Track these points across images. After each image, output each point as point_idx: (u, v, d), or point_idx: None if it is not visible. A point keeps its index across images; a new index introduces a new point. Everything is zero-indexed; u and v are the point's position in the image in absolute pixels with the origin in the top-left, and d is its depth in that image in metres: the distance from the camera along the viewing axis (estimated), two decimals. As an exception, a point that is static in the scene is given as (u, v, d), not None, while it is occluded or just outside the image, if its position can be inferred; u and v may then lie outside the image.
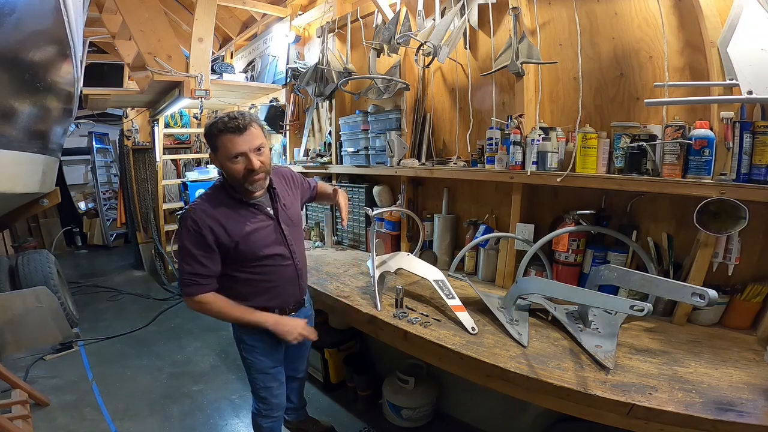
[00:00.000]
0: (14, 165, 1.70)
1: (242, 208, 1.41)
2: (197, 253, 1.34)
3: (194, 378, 2.67)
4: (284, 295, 1.53)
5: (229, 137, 1.28)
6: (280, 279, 1.49)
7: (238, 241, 1.37)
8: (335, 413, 2.26)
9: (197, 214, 1.34)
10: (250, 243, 1.39)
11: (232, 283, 1.44)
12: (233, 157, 1.29)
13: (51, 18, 1.65)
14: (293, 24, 3.10)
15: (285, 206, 1.51)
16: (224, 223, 1.35)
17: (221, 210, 1.37)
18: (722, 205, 1.24)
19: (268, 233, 1.44)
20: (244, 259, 1.41)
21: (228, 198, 1.40)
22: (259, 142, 1.32)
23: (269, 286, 1.48)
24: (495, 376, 1.24)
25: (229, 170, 1.33)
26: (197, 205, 1.38)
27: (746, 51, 1.16)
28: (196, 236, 1.33)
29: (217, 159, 1.36)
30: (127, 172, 5.34)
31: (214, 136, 1.31)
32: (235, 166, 1.31)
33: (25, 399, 2.22)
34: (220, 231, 1.34)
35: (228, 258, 1.40)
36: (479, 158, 1.92)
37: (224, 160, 1.32)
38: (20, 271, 3.34)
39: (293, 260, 1.51)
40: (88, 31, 3.52)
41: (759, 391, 1.04)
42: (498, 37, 1.87)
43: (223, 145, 1.29)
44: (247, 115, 1.33)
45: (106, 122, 6.70)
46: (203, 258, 1.35)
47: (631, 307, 1.04)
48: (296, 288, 1.56)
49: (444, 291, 1.59)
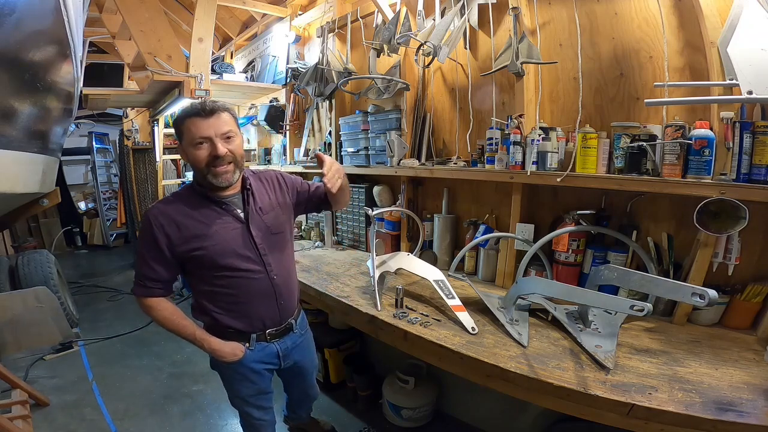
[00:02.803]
0: (14, 165, 1.70)
1: (205, 207, 1.26)
2: (147, 255, 1.23)
3: (194, 378, 2.67)
4: (255, 314, 1.33)
5: (193, 120, 1.17)
6: (247, 294, 1.30)
7: (193, 244, 1.21)
8: (335, 413, 2.26)
9: (151, 212, 1.23)
10: (207, 247, 1.22)
11: (197, 297, 1.32)
12: (197, 142, 1.17)
13: (51, 18, 1.65)
14: (293, 24, 3.10)
15: (261, 210, 1.32)
16: (180, 221, 1.22)
17: (179, 207, 1.24)
18: (722, 205, 1.23)
19: (232, 238, 1.26)
20: (203, 266, 1.25)
21: (193, 194, 1.27)
22: (228, 128, 1.20)
23: (236, 302, 1.30)
24: (495, 376, 1.23)
25: (192, 158, 1.19)
26: (157, 202, 1.28)
27: (746, 51, 1.16)
28: (147, 236, 1.22)
29: (182, 149, 1.23)
30: (127, 172, 5.35)
31: (180, 122, 1.20)
32: (198, 152, 1.18)
33: (25, 399, 2.22)
34: (174, 232, 1.21)
35: (187, 264, 1.26)
36: (479, 158, 1.92)
37: (188, 146, 1.19)
38: (20, 271, 3.34)
39: (267, 273, 1.31)
40: (88, 31, 3.52)
41: (759, 391, 1.04)
42: (498, 37, 1.87)
43: (187, 129, 1.18)
44: (220, 103, 1.23)
45: (106, 122, 6.71)
46: (152, 261, 1.22)
47: (631, 307, 1.04)
48: (273, 308, 1.35)
49: (444, 291, 1.59)
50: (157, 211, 1.23)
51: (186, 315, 1.32)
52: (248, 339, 1.35)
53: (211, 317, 1.31)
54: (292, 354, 1.47)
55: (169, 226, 1.21)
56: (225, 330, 1.32)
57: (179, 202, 1.26)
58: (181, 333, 1.29)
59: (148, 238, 1.22)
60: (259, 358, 1.37)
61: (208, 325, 1.34)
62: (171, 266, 1.26)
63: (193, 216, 1.24)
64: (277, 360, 1.43)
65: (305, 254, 2.57)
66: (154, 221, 1.21)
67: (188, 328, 1.29)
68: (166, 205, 1.26)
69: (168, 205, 1.25)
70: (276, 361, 1.43)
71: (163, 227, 1.21)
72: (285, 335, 1.42)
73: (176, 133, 1.24)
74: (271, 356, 1.40)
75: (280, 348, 1.41)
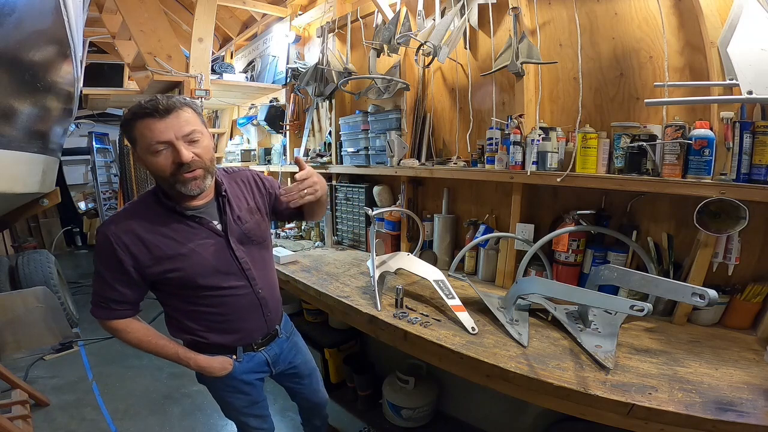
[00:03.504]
0: (14, 165, 1.70)
1: (175, 221, 1.09)
2: (107, 275, 1.06)
3: (194, 378, 2.65)
4: (244, 330, 1.25)
5: (146, 123, 0.97)
6: (233, 311, 1.20)
7: (166, 266, 1.07)
8: (335, 413, 2.26)
9: (110, 229, 1.04)
10: (184, 269, 1.09)
11: (175, 314, 1.20)
12: (155, 150, 0.98)
13: (51, 18, 1.65)
14: (293, 24, 3.10)
15: (239, 219, 1.19)
16: (148, 240, 1.05)
17: (143, 223, 1.06)
18: (722, 205, 1.24)
19: (211, 255, 1.12)
20: (180, 287, 1.12)
21: (158, 206, 1.09)
22: (191, 128, 1.01)
23: (222, 320, 1.20)
24: (495, 376, 1.23)
25: (152, 167, 1.01)
26: (114, 217, 1.08)
27: (746, 51, 1.16)
28: (107, 257, 1.04)
29: (138, 156, 1.04)
30: (127, 172, 5.34)
31: (129, 125, 1.00)
32: (158, 159, 0.99)
33: (25, 399, 2.22)
34: (141, 252, 1.05)
35: (160, 285, 1.12)
36: (479, 158, 1.92)
37: (145, 154, 1.00)
38: (20, 271, 3.34)
39: (252, 288, 1.22)
40: (88, 31, 3.52)
41: (759, 391, 1.04)
42: (498, 37, 1.87)
43: (141, 134, 0.98)
44: (177, 97, 1.04)
45: (106, 122, 6.72)
46: (116, 283, 1.07)
47: (631, 307, 1.04)
48: (260, 320, 1.28)
49: (444, 291, 1.59)
50: (118, 228, 1.04)
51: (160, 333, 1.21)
52: (234, 351, 1.27)
53: (193, 336, 1.20)
54: (282, 358, 1.42)
55: (135, 245, 1.05)
56: (211, 346, 1.23)
57: (143, 215, 1.08)
58: (161, 353, 1.18)
59: (109, 259, 1.05)
60: (248, 369, 1.31)
61: (188, 342, 1.23)
62: (139, 287, 1.11)
63: (162, 233, 1.07)
64: (267, 367, 1.37)
65: (305, 254, 2.57)
66: (116, 240, 1.03)
67: (168, 347, 1.18)
68: (127, 219, 1.07)
69: (130, 220, 1.06)
70: (266, 369, 1.38)
71: (128, 247, 1.04)
72: (271, 342, 1.36)
73: (128, 138, 1.04)
74: (261, 365, 1.35)
75: (268, 355, 1.35)
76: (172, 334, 1.24)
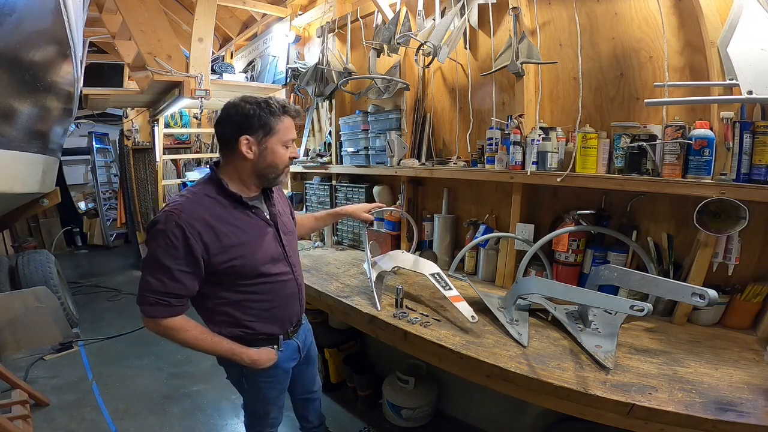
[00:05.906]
0: (14, 165, 1.70)
1: (237, 210, 1.17)
2: (174, 266, 1.06)
3: (194, 378, 2.67)
4: (286, 316, 1.32)
5: (290, 121, 1.19)
6: (279, 298, 1.27)
7: (231, 254, 1.12)
8: (335, 413, 2.26)
9: (181, 217, 1.05)
10: (247, 256, 1.15)
11: (223, 308, 1.20)
12: (287, 143, 1.19)
13: (51, 18, 1.65)
14: (293, 24, 3.10)
15: (280, 211, 1.32)
16: (217, 228, 1.10)
17: (211, 211, 1.11)
18: (722, 205, 1.24)
19: (268, 243, 1.22)
20: (237, 276, 1.16)
21: (220, 196, 1.15)
22: None
23: (269, 308, 1.25)
24: (495, 376, 1.23)
25: (276, 157, 1.17)
26: (182, 205, 1.08)
27: (746, 51, 1.16)
28: (178, 246, 1.05)
29: (261, 143, 1.14)
30: (127, 172, 5.36)
31: (275, 116, 1.15)
32: (285, 152, 1.19)
33: (25, 399, 2.22)
34: (211, 239, 1.08)
35: (218, 275, 1.13)
36: (479, 158, 1.92)
37: (277, 144, 1.16)
38: (20, 271, 3.34)
39: (293, 274, 1.31)
40: (88, 31, 3.52)
41: (759, 391, 1.04)
42: (498, 37, 1.87)
43: (285, 128, 1.17)
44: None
45: (106, 122, 6.71)
46: (181, 273, 1.07)
47: (631, 307, 1.04)
48: (297, 306, 1.36)
49: (441, 283, 1.58)
50: (189, 216, 1.06)
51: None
52: (276, 341, 1.30)
53: (242, 327, 1.22)
54: (305, 342, 1.48)
55: (206, 233, 1.08)
56: (257, 337, 1.25)
57: (207, 204, 1.12)
58: (215, 350, 1.18)
59: (180, 247, 1.05)
60: (287, 357, 1.36)
61: (234, 336, 1.22)
62: (200, 279, 1.12)
63: (227, 221, 1.13)
64: (298, 353, 1.42)
65: (305, 254, 2.57)
66: (188, 227, 1.05)
67: (223, 343, 1.18)
68: (196, 206, 1.10)
69: (199, 207, 1.10)
70: (297, 356, 1.42)
71: (201, 235, 1.07)
72: (299, 328, 1.42)
73: (262, 125, 1.13)
74: (294, 351, 1.40)
75: (299, 341, 1.42)
76: (214, 330, 1.22)
